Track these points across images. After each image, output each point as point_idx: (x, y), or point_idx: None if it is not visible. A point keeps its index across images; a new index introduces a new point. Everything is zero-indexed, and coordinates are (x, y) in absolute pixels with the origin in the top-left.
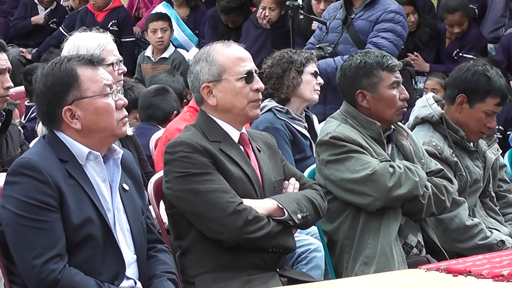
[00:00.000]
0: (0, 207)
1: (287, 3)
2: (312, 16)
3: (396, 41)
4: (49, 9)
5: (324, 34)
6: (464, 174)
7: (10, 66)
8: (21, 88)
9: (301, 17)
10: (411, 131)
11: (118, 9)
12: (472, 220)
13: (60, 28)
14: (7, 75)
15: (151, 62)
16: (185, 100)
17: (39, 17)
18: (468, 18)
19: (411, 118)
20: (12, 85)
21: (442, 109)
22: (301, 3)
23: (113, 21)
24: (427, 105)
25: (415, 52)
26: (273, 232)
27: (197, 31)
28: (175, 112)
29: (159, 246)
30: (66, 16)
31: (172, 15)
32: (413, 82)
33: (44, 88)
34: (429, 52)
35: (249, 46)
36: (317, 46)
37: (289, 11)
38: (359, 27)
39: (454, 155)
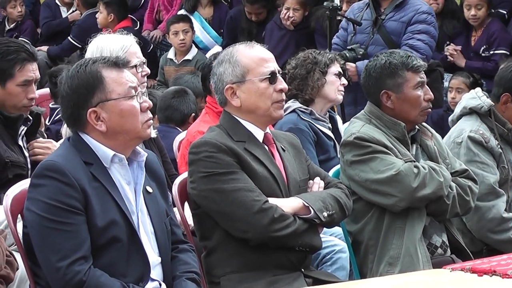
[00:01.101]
0: (25, 210)
1: (325, 4)
2: (349, 17)
3: (431, 42)
4: (70, 10)
5: (352, 35)
6: (507, 167)
7: (38, 77)
8: (46, 90)
9: (338, 18)
10: (457, 121)
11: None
12: (508, 213)
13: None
14: (34, 86)
15: (174, 65)
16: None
17: (76, 13)
18: (487, 4)
19: (457, 109)
20: (37, 96)
21: None
22: (338, 4)
23: None
24: (476, 96)
25: (452, 45)
26: (299, 230)
27: (221, 30)
28: (193, 114)
29: (181, 246)
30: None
31: (195, 17)
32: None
33: (69, 90)
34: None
35: (273, 47)
36: (349, 47)
37: (327, 12)
38: (391, 28)
39: (499, 146)
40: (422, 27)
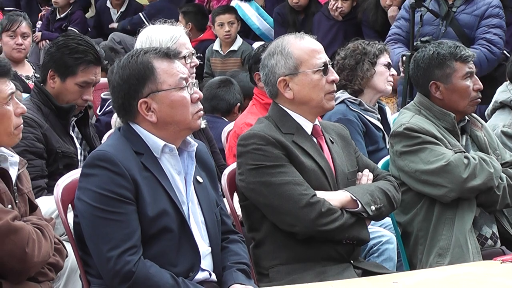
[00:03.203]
0: (76, 199)
1: None
2: (430, 9)
3: (504, 37)
4: (119, 12)
5: (420, 26)
6: None
7: (99, 80)
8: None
9: (422, 8)
10: (491, 116)
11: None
12: None
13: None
14: (92, 89)
15: (220, 56)
16: None
17: (113, 24)
18: None
19: (491, 105)
20: (91, 98)
21: None
22: None
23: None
24: (506, 90)
25: None
26: (347, 224)
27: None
28: (239, 104)
29: (231, 236)
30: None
31: (252, 5)
32: None
33: (121, 81)
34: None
35: (321, 38)
36: (423, 39)
37: (411, 2)
38: (464, 21)
39: None
40: (496, 21)
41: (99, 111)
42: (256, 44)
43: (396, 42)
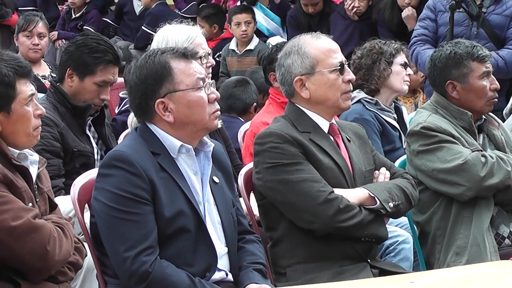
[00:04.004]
0: (93, 199)
1: None
2: (468, 10)
3: None
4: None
5: (448, 27)
6: None
7: (117, 80)
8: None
9: (460, 10)
10: (509, 115)
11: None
12: None
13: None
14: (109, 88)
15: (236, 55)
16: None
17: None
18: None
19: (509, 104)
20: (109, 98)
21: None
22: None
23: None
24: None
25: None
26: (365, 221)
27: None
28: (255, 104)
29: (247, 237)
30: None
31: (257, 7)
32: None
33: (138, 81)
34: None
35: (337, 37)
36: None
37: (451, 3)
38: (495, 22)
39: None
40: None
41: (117, 109)
42: (271, 39)
43: (423, 42)
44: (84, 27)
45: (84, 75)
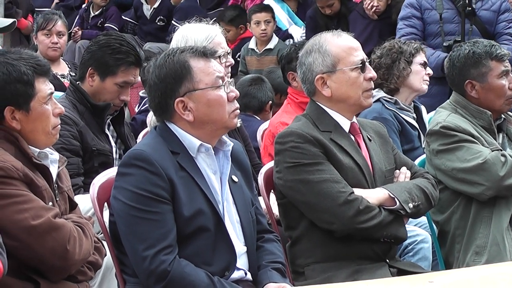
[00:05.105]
0: (112, 198)
1: None
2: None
3: None
4: (152, 8)
5: (440, 25)
6: None
7: (138, 81)
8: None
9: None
10: None
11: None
12: None
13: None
14: (129, 89)
15: (256, 54)
16: None
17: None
18: None
19: None
20: (128, 99)
21: None
22: None
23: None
24: None
25: None
26: (385, 221)
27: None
28: (270, 102)
29: (266, 236)
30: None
31: (283, 7)
32: None
33: (157, 80)
34: None
35: (357, 36)
36: (456, 39)
37: (462, 1)
38: (485, 17)
39: None
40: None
41: (137, 108)
42: (292, 28)
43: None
44: (106, 24)
45: (106, 75)
